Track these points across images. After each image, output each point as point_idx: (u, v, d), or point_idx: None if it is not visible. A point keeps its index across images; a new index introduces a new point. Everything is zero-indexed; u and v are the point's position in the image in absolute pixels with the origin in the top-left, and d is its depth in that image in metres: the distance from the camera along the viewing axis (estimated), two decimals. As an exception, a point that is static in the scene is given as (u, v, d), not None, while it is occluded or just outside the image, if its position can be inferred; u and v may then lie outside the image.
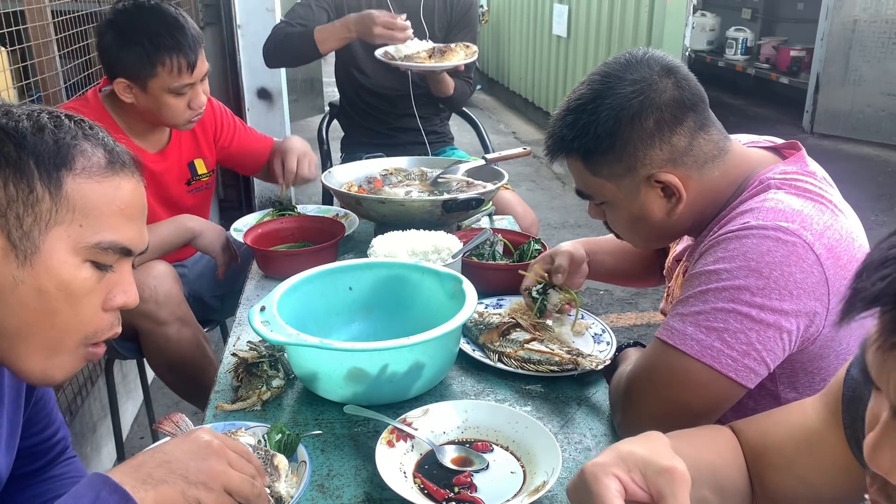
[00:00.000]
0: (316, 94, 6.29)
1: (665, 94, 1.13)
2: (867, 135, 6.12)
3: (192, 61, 1.80)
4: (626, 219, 1.23)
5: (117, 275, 0.91)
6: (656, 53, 1.18)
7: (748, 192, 1.15)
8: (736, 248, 1.06)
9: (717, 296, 1.05)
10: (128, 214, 0.90)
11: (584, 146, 1.17)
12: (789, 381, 1.15)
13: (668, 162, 1.15)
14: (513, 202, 2.46)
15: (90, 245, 0.86)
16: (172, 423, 1.10)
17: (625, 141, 1.14)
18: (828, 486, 0.92)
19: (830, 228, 1.07)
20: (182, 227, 1.88)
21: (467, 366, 1.38)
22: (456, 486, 1.04)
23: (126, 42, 1.75)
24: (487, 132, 3.15)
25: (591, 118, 1.15)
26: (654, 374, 1.11)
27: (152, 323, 1.81)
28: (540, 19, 7.21)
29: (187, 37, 1.78)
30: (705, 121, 1.16)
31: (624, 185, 1.18)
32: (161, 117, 1.88)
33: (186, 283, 2.11)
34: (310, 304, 1.35)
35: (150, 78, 1.78)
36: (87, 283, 0.87)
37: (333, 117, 3.07)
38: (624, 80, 1.14)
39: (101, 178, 0.87)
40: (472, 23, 2.79)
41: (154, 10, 1.78)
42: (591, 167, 1.19)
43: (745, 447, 0.99)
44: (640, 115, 1.12)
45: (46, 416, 1.14)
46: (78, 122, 0.89)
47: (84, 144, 0.87)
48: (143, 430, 2.69)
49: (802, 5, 7.39)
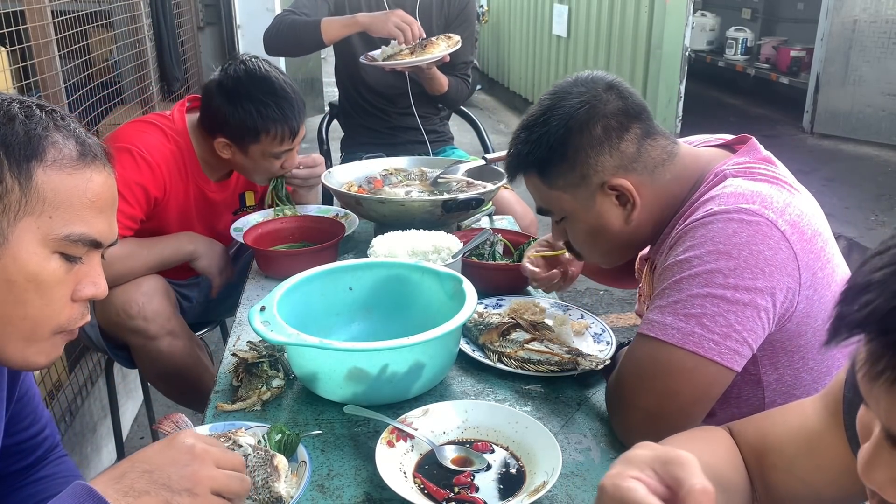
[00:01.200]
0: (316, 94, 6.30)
1: (610, 105, 1.20)
2: (867, 135, 6.11)
3: (295, 130, 1.86)
4: (586, 231, 1.27)
5: (87, 266, 0.91)
6: (599, 73, 1.26)
7: (705, 185, 1.19)
8: (703, 234, 1.09)
9: (690, 283, 1.08)
10: (98, 207, 0.89)
11: (539, 157, 1.23)
12: (770, 363, 1.17)
13: (620, 168, 1.20)
14: (512, 202, 2.47)
15: (60, 237, 0.86)
16: (172, 424, 1.09)
17: (576, 149, 1.20)
18: (829, 487, 0.92)
19: (790, 206, 1.11)
20: (181, 249, 1.89)
21: (467, 366, 1.38)
22: (456, 486, 1.04)
23: (234, 108, 1.80)
24: (487, 132, 3.15)
25: (542, 130, 1.22)
26: (640, 367, 1.12)
27: (142, 338, 1.82)
28: (540, 19, 7.21)
29: (293, 108, 1.84)
30: (650, 129, 1.23)
31: (580, 195, 1.23)
32: (251, 175, 1.96)
33: (202, 291, 2.11)
34: (310, 304, 1.35)
35: (252, 143, 1.84)
36: (55, 275, 0.87)
37: (333, 117, 3.07)
38: (571, 93, 1.22)
39: (73, 170, 0.87)
40: (470, 20, 2.79)
41: (264, 80, 1.83)
42: (547, 180, 1.24)
43: (746, 448, 0.99)
44: (588, 122, 1.19)
45: (32, 413, 1.13)
46: (49, 113, 0.88)
47: (55, 136, 0.86)
48: (143, 430, 2.69)
49: (802, 5, 7.39)
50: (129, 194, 1.76)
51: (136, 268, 1.80)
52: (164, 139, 1.86)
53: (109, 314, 1.81)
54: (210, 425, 1.13)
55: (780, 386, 1.18)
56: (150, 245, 1.84)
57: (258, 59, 1.89)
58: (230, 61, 1.89)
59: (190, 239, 1.91)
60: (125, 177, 1.75)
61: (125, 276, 1.78)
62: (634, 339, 1.16)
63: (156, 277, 1.85)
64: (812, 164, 5.35)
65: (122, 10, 2.94)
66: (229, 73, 1.84)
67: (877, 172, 5.41)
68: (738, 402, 1.19)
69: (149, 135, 1.84)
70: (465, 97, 2.86)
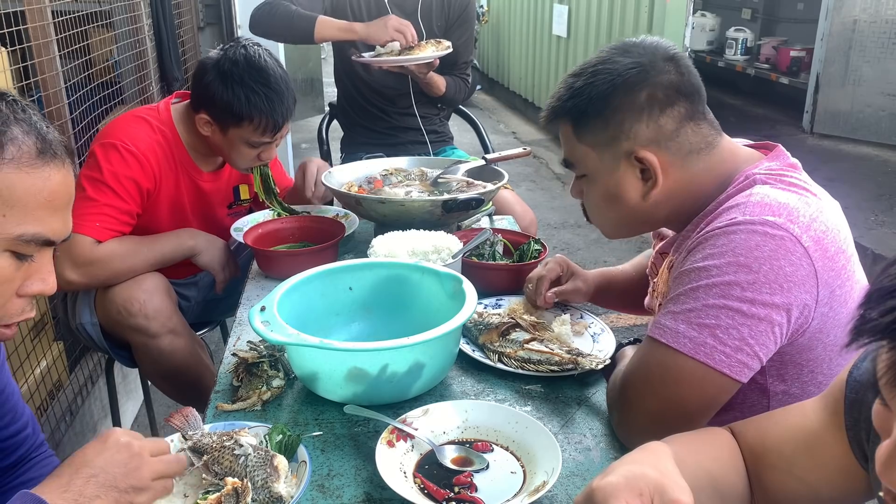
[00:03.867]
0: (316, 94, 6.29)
1: (663, 75, 1.16)
2: (867, 135, 6.11)
3: (278, 125, 1.85)
4: (601, 195, 1.24)
5: (37, 264, 0.89)
6: (667, 42, 1.21)
7: (733, 186, 1.16)
8: (724, 243, 1.06)
9: (707, 292, 1.06)
10: (54, 206, 0.87)
11: (577, 107, 1.19)
12: (778, 374, 1.15)
13: (652, 142, 1.16)
14: (512, 201, 2.47)
15: (12, 237, 0.84)
16: (182, 418, 1.10)
17: (615, 109, 1.16)
18: (828, 488, 0.92)
19: (816, 221, 1.08)
20: (182, 245, 1.89)
21: (467, 366, 1.38)
22: (456, 486, 1.04)
23: (224, 88, 1.80)
24: (487, 132, 3.15)
25: (588, 80, 1.18)
26: (648, 372, 1.11)
27: (144, 336, 1.82)
28: (540, 19, 7.21)
29: (282, 103, 1.83)
30: (696, 113, 1.18)
31: (606, 157, 1.20)
32: (228, 157, 1.94)
33: (201, 290, 2.11)
34: (310, 304, 1.35)
35: (233, 126, 1.83)
36: (4, 272, 0.86)
37: (333, 117, 3.07)
38: (630, 52, 1.18)
39: (31, 169, 0.84)
40: (470, 21, 2.80)
41: (261, 69, 1.82)
42: (579, 132, 1.21)
43: (745, 449, 0.99)
44: (635, 86, 1.15)
45: (11, 411, 1.11)
46: (10, 104, 0.85)
47: (15, 130, 0.84)
48: (143, 430, 2.67)
49: (802, 5, 7.38)
50: (121, 190, 1.76)
51: (137, 265, 1.80)
52: (150, 130, 1.85)
53: (110, 312, 1.81)
54: (210, 425, 1.14)
55: (787, 398, 1.16)
56: (151, 242, 1.84)
57: (260, 46, 1.88)
58: (232, 43, 1.88)
59: (191, 235, 1.91)
60: (115, 173, 1.74)
61: (126, 273, 1.78)
62: (644, 341, 1.15)
63: (157, 275, 1.85)
64: (812, 164, 5.30)
65: (122, 10, 2.94)
66: (228, 55, 1.82)
67: (877, 172, 5.41)
68: (741, 408, 1.18)
69: (134, 127, 1.83)
70: (464, 97, 2.87)
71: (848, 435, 0.89)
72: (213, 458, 1.03)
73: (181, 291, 2.06)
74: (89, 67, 2.58)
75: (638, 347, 1.18)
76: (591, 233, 4.51)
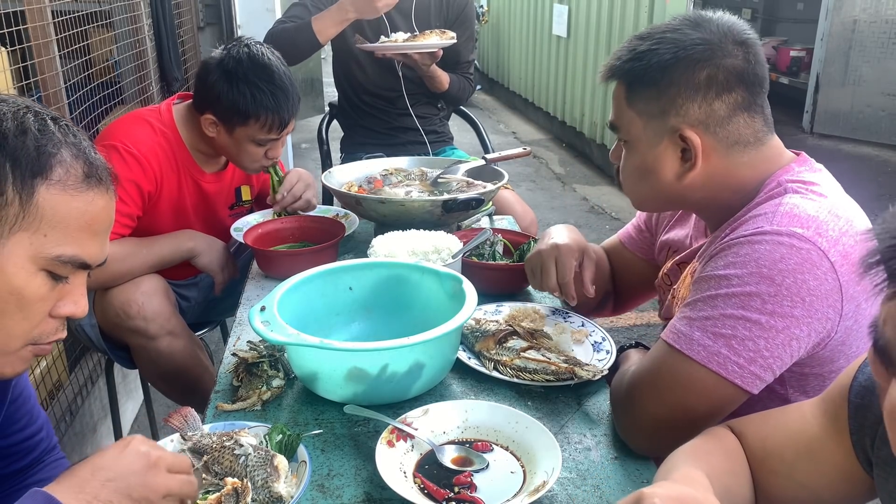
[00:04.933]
0: (316, 94, 6.29)
1: (729, 58, 1.12)
2: (867, 135, 6.11)
3: (284, 122, 1.84)
4: (637, 166, 1.21)
5: (71, 286, 0.90)
6: (743, 26, 1.17)
7: (765, 192, 1.14)
8: (748, 253, 1.04)
9: (726, 301, 1.04)
10: (94, 230, 0.89)
11: (633, 71, 1.16)
12: (799, 385, 1.14)
13: (700, 124, 1.13)
14: (511, 201, 2.47)
15: (50, 256, 0.85)
16: (181, 418, 1.10)
17: (670, 81, 1.13)
18: (829, 492, 0.92)
19: (846, 234, 1.05)
20: (181, 246, 1.88)
21: (466, 367, 1.38)
22: (456, 486, 1.04)
23: (229, 87, 1.79)
24: (487, 132, 3.15)
25: (652, 46, 1.15)
26: (658, 377, 1.10)
27: (142, 338, 1.82)
28: (540, 19, 7.21)
29: (288, 100, 1.83)
30: (753, 104, 1.14)
31: (650, 128, 1.17)
32: (235, 158, 1.93)
33: (202, 291, 2.11)
34: (310, 304, 1.35)
35: (240, 125, 1.82)
36: (39, 291, 0.87)
37: (333, 117, 3.07)
38: (701, 26, 1.14)
39: (76, 192, 0.86)
40: (469, 21, 2.80)
41: (265, 66, 1.82)
42: (630, 96, 1.18)
43: (746, 451, 0.99)
44: (698, 63, 1.11)
45: (27, 414, 1.12)
46: (63, 129, 0.88)
47: (64, 154, 0.86)
48: (143, 430, 2.68)
49: (802, 5, 7.39)
50: (122, 192, 1.75)
51: (136, 267, 1.80)
52: (152, 131, 1.85)
53: (109, 314, 1.81)
54: (210, 425, 1.14)
55: None
56: (149, 244, 1.84)
57: (262, 45, 1.88)
58: (234, 42, 1.88)
59: (189, 236, 1.91)
60: (115, 175, 1.73)
61: (124, 275, 1.78)
62: (657, 344, 1.13)
63: (155, 277, 1.85)
64: (812, 165, 5.34)
65: (122, 10, 2.94)
66: (231, 54, 1.82)
67: (877, 172, 5.41)
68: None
69: (135, 129, 1.84)
70: (467, 95, 2.88)
71: (852, 440, 0.88)
72: (213, 458, 1.04)
73: (181, 292, 2.06)
74: (89, 67, 2.58)
75: (649, 350, 1.17)
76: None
